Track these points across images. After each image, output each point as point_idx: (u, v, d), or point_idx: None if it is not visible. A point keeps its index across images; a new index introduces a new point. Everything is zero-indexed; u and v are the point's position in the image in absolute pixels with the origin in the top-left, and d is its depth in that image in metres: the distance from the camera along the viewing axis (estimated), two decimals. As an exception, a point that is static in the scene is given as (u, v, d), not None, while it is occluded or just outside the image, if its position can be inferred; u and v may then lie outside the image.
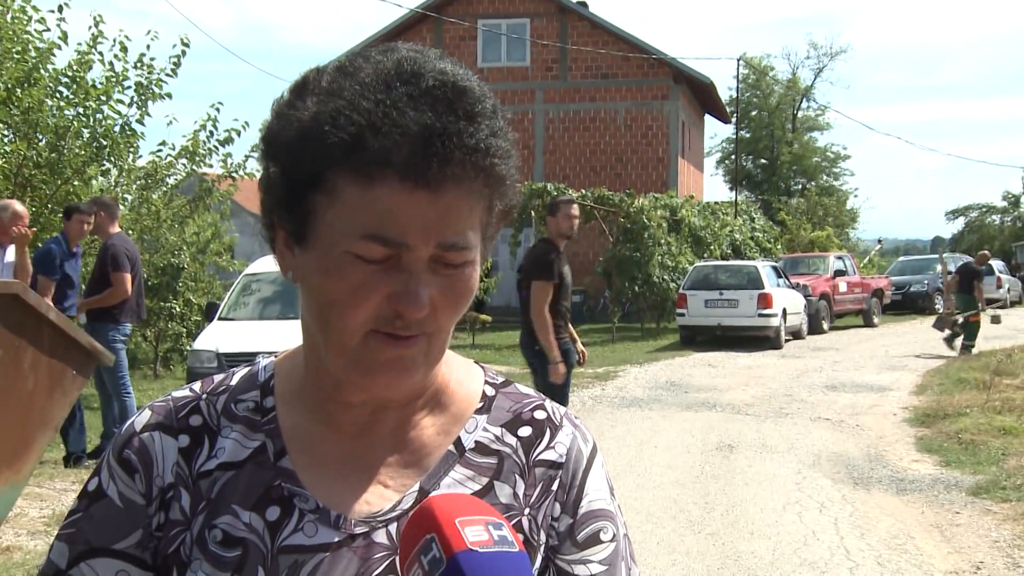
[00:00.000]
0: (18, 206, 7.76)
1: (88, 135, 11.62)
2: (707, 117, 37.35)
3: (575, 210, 7.42)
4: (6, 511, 4.71)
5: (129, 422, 1.07)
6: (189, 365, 10.62)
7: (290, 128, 0.95)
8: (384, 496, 1.02)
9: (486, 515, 0.85)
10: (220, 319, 11.02)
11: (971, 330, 17.57)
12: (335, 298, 0.94)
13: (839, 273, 24.92)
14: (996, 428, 10.08)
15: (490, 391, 1.11)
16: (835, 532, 6.71)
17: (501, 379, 1.14)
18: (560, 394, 7.36)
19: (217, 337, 10.37)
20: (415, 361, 0.97)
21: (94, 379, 8.29)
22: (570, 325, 7.57)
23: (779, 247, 30.87)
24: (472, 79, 0.96)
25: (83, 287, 8.98)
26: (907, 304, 28.82)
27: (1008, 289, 33.78)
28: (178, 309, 14.51)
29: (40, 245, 8.75)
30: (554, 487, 1.06)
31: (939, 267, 24.81)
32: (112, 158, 12.00)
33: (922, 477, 8.43)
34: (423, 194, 0.91)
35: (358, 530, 1.00)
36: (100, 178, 12.40)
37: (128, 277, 8.08)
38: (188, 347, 12.85)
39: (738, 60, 40.30)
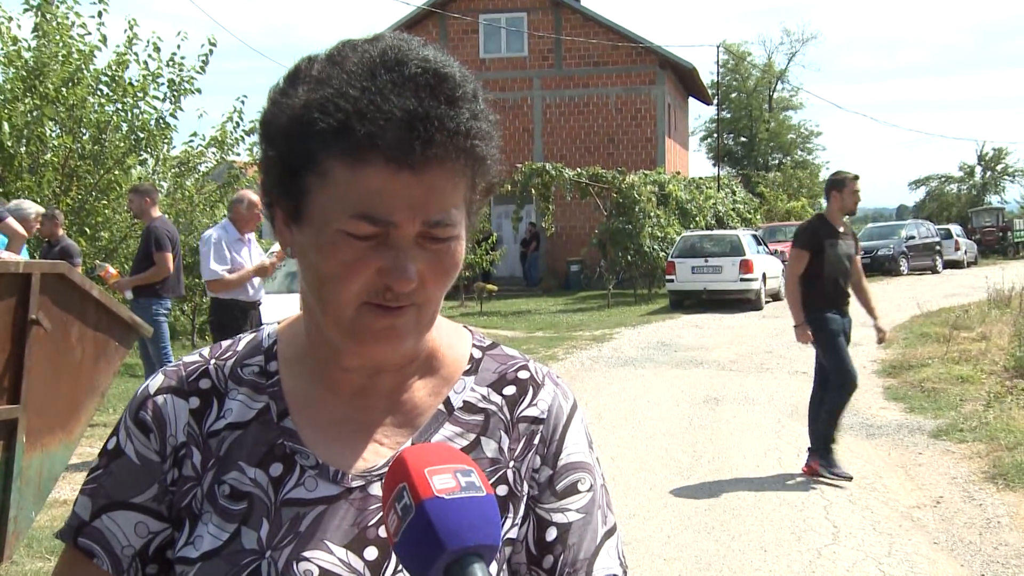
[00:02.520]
0: (252, 195, 7.38)
1: (127, 128, 11.60)
2: (691, 100, 37.06)
3: (859, 185, 6.69)
4: (61, 468, 4.73)
5: (143, 386, 1.06)
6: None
7: (283, 115, 0.93)
8: (379, 453, 1.01)
9: (456, 463, 0.82)
10: (250, 293, 10.98)
11: None
12: (329, 273, 0.92)
13: (813, 240, 24.78)
14: (955, 377, 10.09)
15: (477, 353, 1.09)
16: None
17: (488, 342, 1.12)
18: (835, 360, 6.51)
19: (248, 309, 10.34)
20: (406, 330, 0.95)
21: (139, 350, 8.29)
22: (870, 301, 6.84)
23: (758, 217, 30.76)
24: (453, 65, 0.93)
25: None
26: (875, 266, 28.69)
27: (965, 251, 33.64)
28: (213, 285, 14.49)
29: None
30: (536, 441, 1.04)
31: None
32: (149, 149, 11.98)
33: (889, 423, 8.44)
34: (408, 175, 0.89)
35: (355, 484, 0.99)
36: (138, 167, 12.35)
37: (170, 256, 8.04)
38: (222, 319, 12.84)
39: (718, 47, 40.14)
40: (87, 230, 11.24)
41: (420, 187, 0.90)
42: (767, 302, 20.38)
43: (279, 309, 9.82)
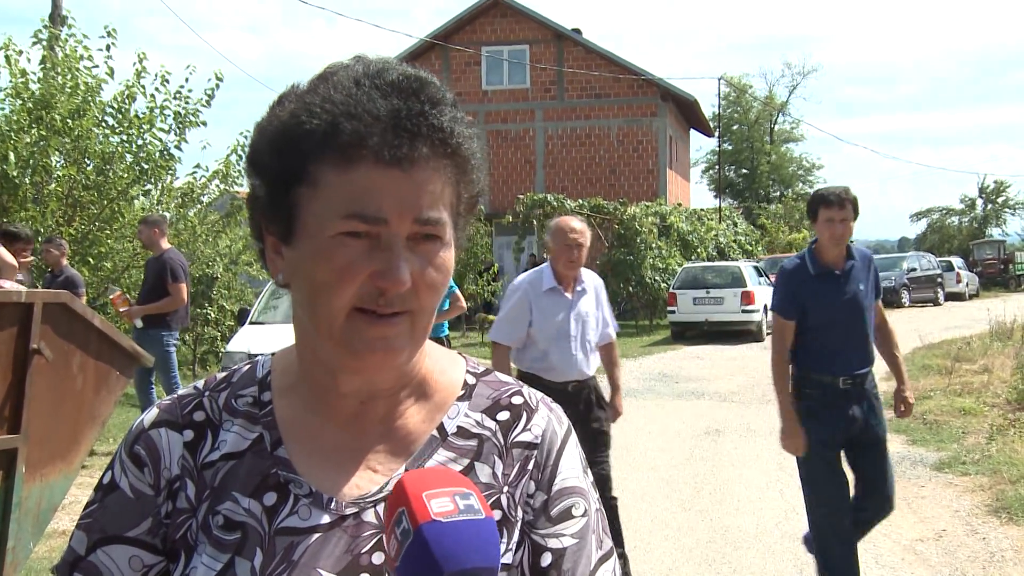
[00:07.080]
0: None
1: (131, 159, 11.64)
2: (692, 131, 37.26)
3: None
4: (61, 498, 4.71)
5: (138, 420, 1.06)
6: (223, 366, 10.62)
7: (270, 129, 0.95)
8: (373, 480, 1.01)
9: (454, 486, 0.83)
10: (251, 323, 11.01)
11: None
12: (323, 280, 0.93)
13: (814, 271, 24.79)
14: (957, 409, 10.04)
15: (471, 379, 1.10)
16: (812, 506, 6.66)
17: (482, 368, 1.12)
18: None
19: (248, 340, 10.36)
20: (400, 340, 0.96)
21: (135, 380, 8.28)
22: None
23: (760, 249, 30.79)
24: (433, 77, 0.97)
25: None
26: (876, 298, 28.69)
27: (967, 284, 33.64)
28: (213, 315, 14.49)
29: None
30: (530, 466, 1.04)
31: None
32: (153, 180, 12.03)
33: (891, 455, 8.38)
34: (397, 172, 0.91)
35: (348, 511, 0.98)
36: (142, 198, 12.41)
37: (185, 287, 8.07)
38: (222, 349, 12.85)
39: (719, 79, 40.38)
40: (90, 260, 11.26)
41: (409, 184, 0.92)
42: (768, 334, 20.34)
43: (281, 340, 9.87)
